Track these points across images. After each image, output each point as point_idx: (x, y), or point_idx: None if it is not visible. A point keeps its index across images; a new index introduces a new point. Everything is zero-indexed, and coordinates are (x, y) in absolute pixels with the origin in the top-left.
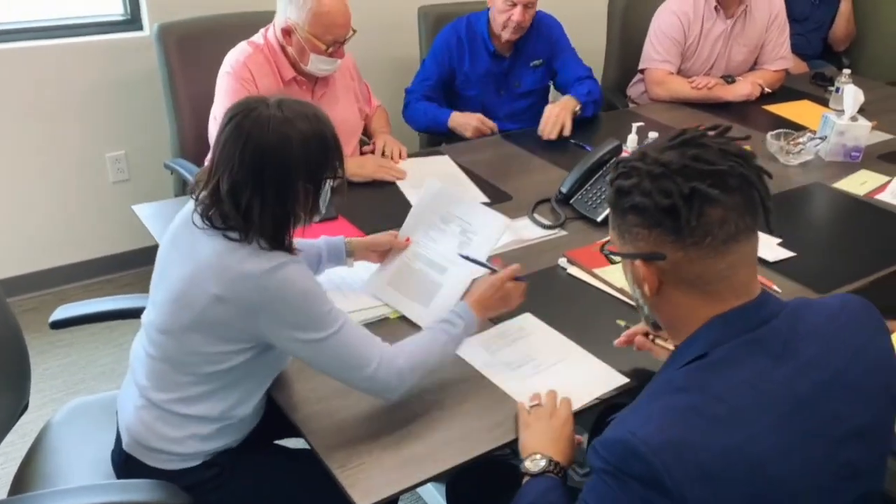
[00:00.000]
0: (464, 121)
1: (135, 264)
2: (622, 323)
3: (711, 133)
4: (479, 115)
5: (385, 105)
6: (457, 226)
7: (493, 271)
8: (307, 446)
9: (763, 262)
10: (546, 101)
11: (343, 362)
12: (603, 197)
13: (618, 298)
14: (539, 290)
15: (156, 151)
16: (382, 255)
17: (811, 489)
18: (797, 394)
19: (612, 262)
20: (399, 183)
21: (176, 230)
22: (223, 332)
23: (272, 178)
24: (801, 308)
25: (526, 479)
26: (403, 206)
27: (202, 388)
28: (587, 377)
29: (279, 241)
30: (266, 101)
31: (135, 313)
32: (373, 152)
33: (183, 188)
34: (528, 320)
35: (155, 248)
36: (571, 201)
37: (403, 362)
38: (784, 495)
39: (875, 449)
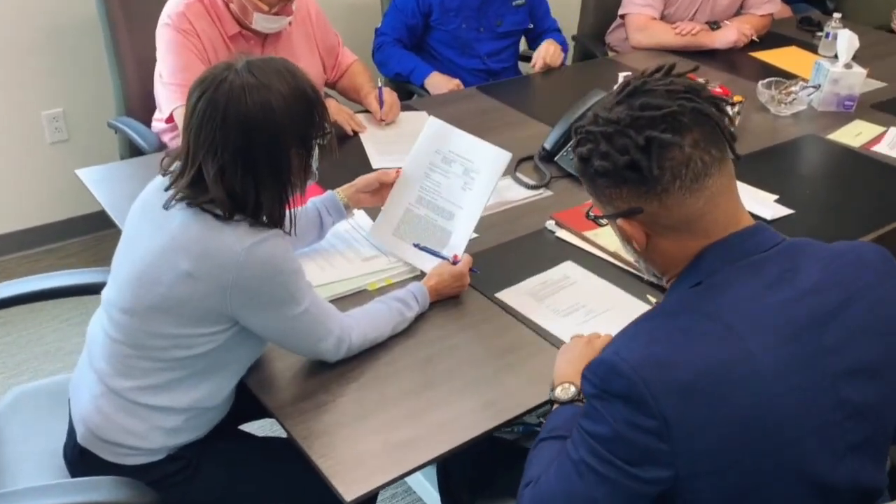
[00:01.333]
0: (443, 84)
1: (77, 232)
2: (652, 299)
3: (658, 75)
4: (457, 81)
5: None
6: (459, 165)
7: (449, 261)
8: (279, 432)
9: (761, 220)
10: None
11: (306, 336)
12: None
13: (611, 263)
14: (526, 257)
15: (98, 109)
16: (376, 194)
17: (808, 415)
18: (793, 319)
19: (601, 225)
20: (366, 146)
21: (146, 201)
22: (192, 311)
23: (263, 153)
24: (804, 243)
25: (555, 407)
26: (368, 167)
27: (169, 375)
28: None
29: (277, 218)
30: (233, 67)
31: (89, 289)
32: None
33: (130, 149)
34: (570, 268)
35: (100, 214)
36: (556, 158)
37: (355, 338)
38: (781, 416)
39: (880, 391)
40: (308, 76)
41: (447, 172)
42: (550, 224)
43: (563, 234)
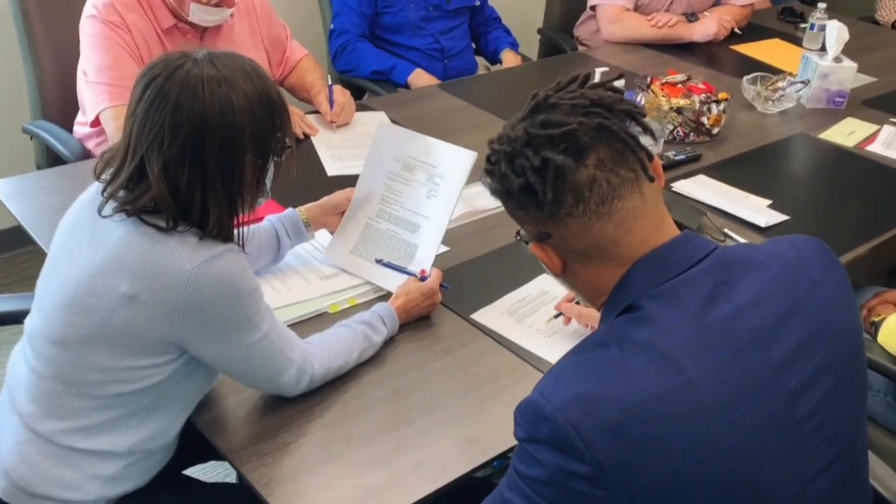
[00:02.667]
0: (427, 82)
1: None
2: (554, 315)
3: (572, 86)
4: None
5: None
6: (422, 172)
7: (417, 277)
8: (230, 476)
9: (755, 227)
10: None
11: (264, 367)
12: None
13: None
14: (502, 272)
15: (10, 112)
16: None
17: (765, 445)
18: (734, 339)
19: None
20: (319, 151)
21: (77, 216)
22: (135, 340)
23: (215, 153)
24: (736, 250)
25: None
26: (324, 179)
27: (107, 414)
28: None
29: (224, 230)
30: (191, 56)
31: (8, 319)
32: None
33: (47, 156)
34: (546, 283)
35: (15, 230)
36: None
37: (318, 367)
38: (732, 452)
39: (840, 398)
40: (274, 81)
41: (408, 181)
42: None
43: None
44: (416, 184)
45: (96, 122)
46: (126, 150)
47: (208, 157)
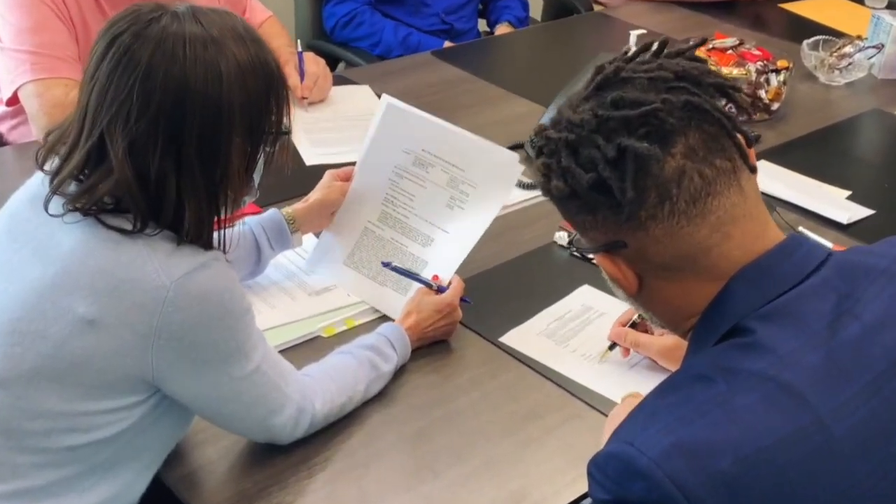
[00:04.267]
0: None
1: None
2: (609, 347)
3: (644, 56)
4: None
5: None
6: (442, 172)
7: (432, 288)
8: None
9: (835, 224)
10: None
11: (254, 407)
12: None
13: None
14: (534, 282)
15: None
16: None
17: None
18: (869, 366)
19: (587, 260)
20: (293, 134)
21: (12, 219)
22: (94, 377)
23: (195, 132)
24: (854, 256)
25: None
26: (302, 170)
27: (55, 473)
28: None
29: (203, 233)
30: (169, 10)
31: None
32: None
33: None
34: (590, 296)
35: None
36: None
37: (319, 406)
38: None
39: None
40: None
41: (422, 180)
42: (561, 236)
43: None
44: (433, 186)
45: (13, 100)
46: (81, 126)
47: (187, 136)
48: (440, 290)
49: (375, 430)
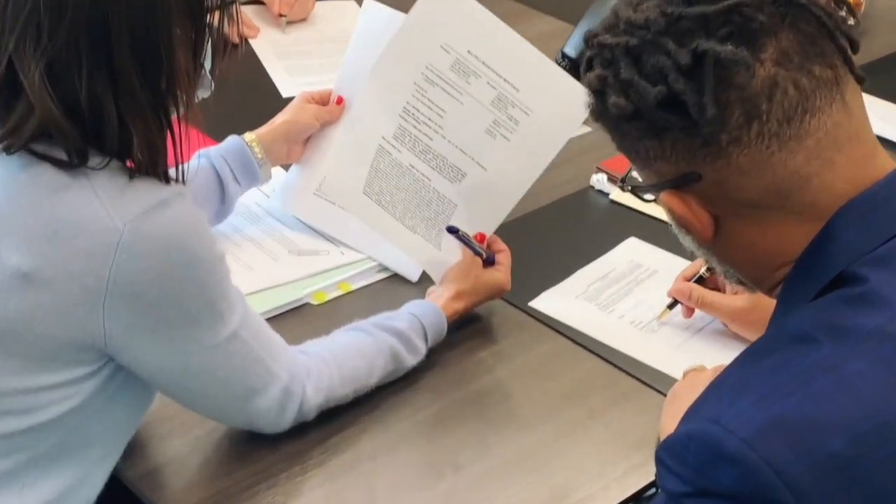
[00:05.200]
0: None
1: None
2: (668, 305)
3: None
4: None
5: None
6: (488, 85)
7: (482, 258)
8: None
9: None
10: None
11: (232, 384)
12: None
13: None
14: (568, 234)
15: None
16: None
17: None
18: None
19: (645, 201)
20: (266, 62)
21: None
22: (31, 346)
23: (126, 33)
24: None
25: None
26: (275, 100)
27: None
28: None
29: (156, 157)
30: None
31: None
32: None
33: None
34: (638, 249)
35: None
36: None
37: (312, 394)
38: None
39: None
40: None
41: (460, 92)
42: (598, 179)
43: (618, 193)
44: (473, 103)
45: None
46: None
47: (116, 41)
48: (487, 259)
49: (384, 416)
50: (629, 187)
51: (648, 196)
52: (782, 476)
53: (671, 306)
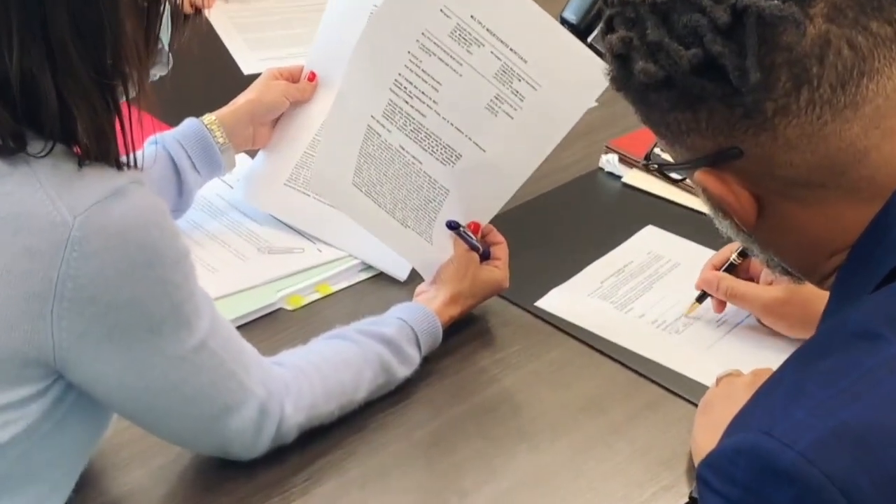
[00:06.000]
0: None
1: None
2: (697, 299)
3: None
4: None
5: None
6: (492, 55)
7: (478, 251)
8: None
9: None
10: None
11: (199, 402)
12: None
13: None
14: (577, 222)
15: None
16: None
17: None
18: None
19: (672, 181)
20: (224, 37)
21: None
22: None
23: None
24: None
25: None
26: (236, 78)
27: None
28: None
29: (104, 143)
30: None
31: None
32: None
33: None
34: (658, 239)
35: None
36: (591, 39)
37: (292, 413)
38: None
39: None
40: None
41: (459, 61)
42: (608, 160)
43: (632, 175)
44: (473, 75)
45: None
46: None
47: (51, 6)
48: (484, 252)
49: (374, 436)
50: (654, 166)
51: (677, 175)
52: (848, 494)
53: (700, 299)
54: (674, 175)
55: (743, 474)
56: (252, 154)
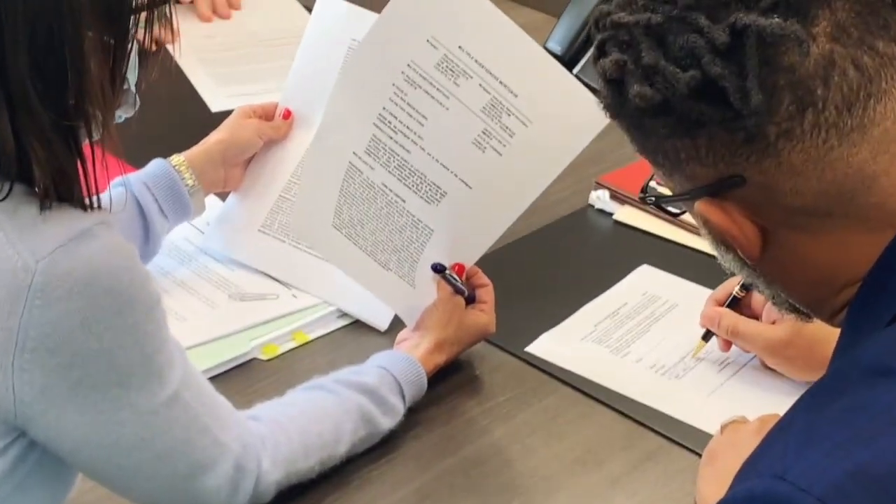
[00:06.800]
0: None
1: None
2: (699, 353)
3: None
4: None
5: None
6: (480, 88)
7: (463, 295)
8: None
9: None
10: None
11: (171, 460)
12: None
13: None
14: (566, 262)
15: None
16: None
17: None
18: None
19: (670, 214)
20: (189, 71)
21: None
22: None
23: (25, 36)
24: None
25: None
26: (203, 116)
27: None
28: None
29: (67, 185)
30: None
31: None
32: None
33: None
34: (654, 279)
35: None
36: (576, 71)
37: (269, 468)
38: None
39: None
40: None
41: (447, 94)
42: (598, 196)
43: (624, 212)
44: (460, 109)
45: None
46: None
47: (10, 43)
48: (469, 296)
49: (359, 493)
50: (651, 199)
51: (674, 209)
52: None
53: (706, 337)
54: (672, 209)
55: None
56: (223, 197)
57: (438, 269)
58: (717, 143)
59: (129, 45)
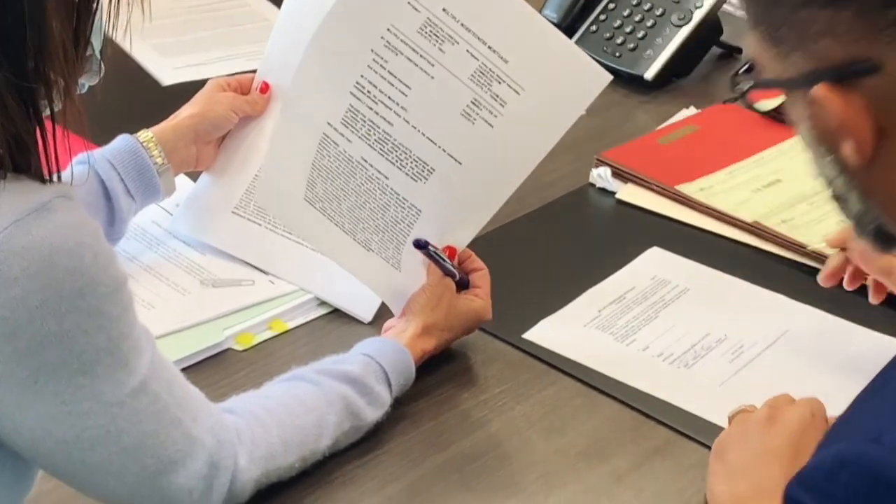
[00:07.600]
0: None
1: None
2: (812, 246)
3: None
4: None
5: None
6: (468, 54)
7: (454, 278)
8: None
9: None
10: None
11: (139, 455)
12: (651, 22)
13: (748, 245)
14: (567, 245)
15: None
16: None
17: None
18: None
19: (778, 119)
20: (134, 44)
21: None
22: None
23: None
24: None
25: None
26: (156, 94)
27: None
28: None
29: (25, 155)
30: None
31: None
32: None
33: None
34: (663, 262)
35: None
36: (575, 38)
37: (246, 466)
38: None
39: None
40: None
41: (431, 61)
42: (599, 174)
43: (627, 191)
44: (447, 77)
45: None
46: None
47: None
48: (460, 281)
49: (343, 490)
50: (751, 83)
51: (771, 103)
52: None
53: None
54: (764, 105)
55: (845, 489)
56: (194, 176)
57: (421, 244)
58: (863, 19)
59: (95, 5)
